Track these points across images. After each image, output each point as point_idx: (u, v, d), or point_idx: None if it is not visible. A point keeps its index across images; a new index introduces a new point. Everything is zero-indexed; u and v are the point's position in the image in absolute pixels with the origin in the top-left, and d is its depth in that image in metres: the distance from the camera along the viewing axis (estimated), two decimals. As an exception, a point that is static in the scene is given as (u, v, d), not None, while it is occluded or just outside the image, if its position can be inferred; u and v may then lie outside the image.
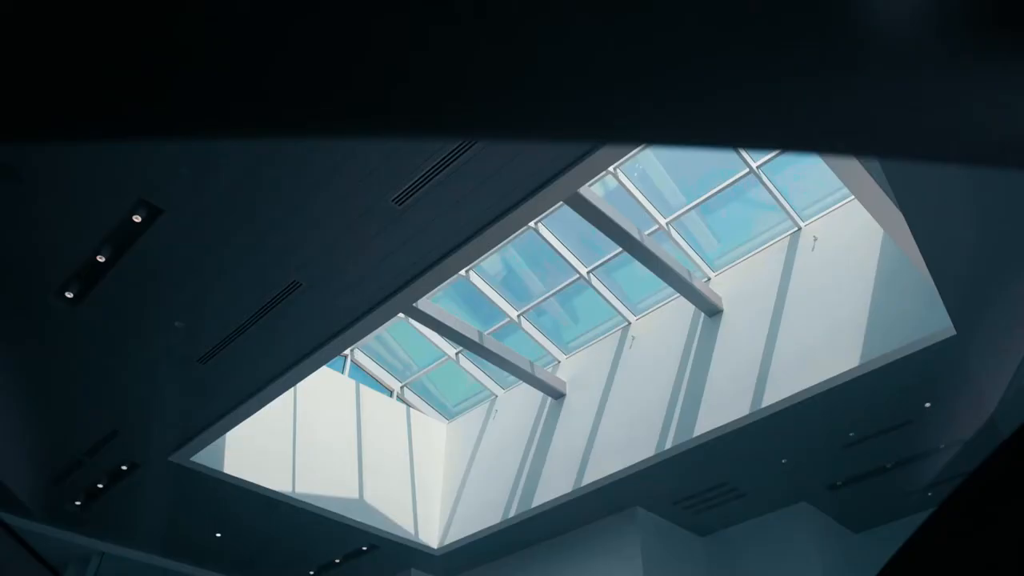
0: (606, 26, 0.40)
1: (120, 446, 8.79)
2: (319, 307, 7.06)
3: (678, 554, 10.22)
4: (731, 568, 10.15)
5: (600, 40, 0.40)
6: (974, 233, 4.78)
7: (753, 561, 9.97)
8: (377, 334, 11.04)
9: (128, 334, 7.36)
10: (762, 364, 8.35)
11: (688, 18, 0.40)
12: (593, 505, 9.85)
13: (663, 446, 8.88)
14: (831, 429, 8.46)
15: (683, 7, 0.40)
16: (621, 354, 10.05)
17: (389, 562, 11.34)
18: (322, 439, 10.49)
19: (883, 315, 7.53)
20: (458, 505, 11.12)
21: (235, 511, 10.03)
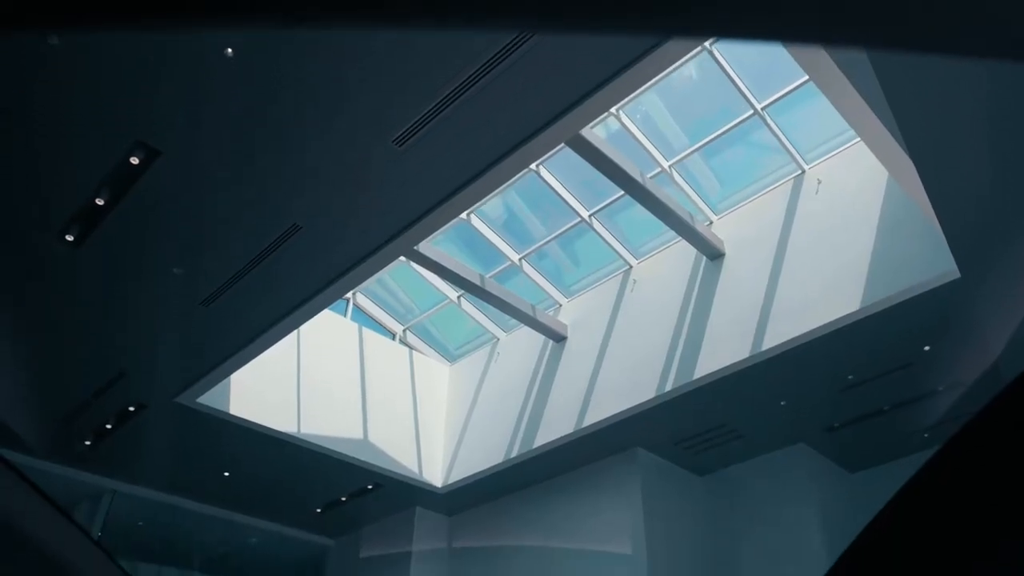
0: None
1: (127, 387, 8.90)
2: (320, 250, 7.05)
3: (677, 493, 10.44)
4: (729, 507, 10.38)
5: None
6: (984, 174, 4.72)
7: (751, 500, 10.19)
8: (379, 277, 11.05)
9: (129, 277, 7.38)
10: (763, 308, 8.38)
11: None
12: (594, 446, 10.02)
13: (663, 388, 8.98)
14: (830, 372, 8.53)
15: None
16: (622, 297, 10.08)
17: (394, 500, 11.60)
18: (326, 381, 10.61)
19: (886, 259, 7.51)
20: (461, 445, 11.32)
21: (241, 451, 10.21)
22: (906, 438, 9.43)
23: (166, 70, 5.32)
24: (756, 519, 9.98)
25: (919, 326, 7.62)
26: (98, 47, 5.15)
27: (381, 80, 5.42)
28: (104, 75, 5.33)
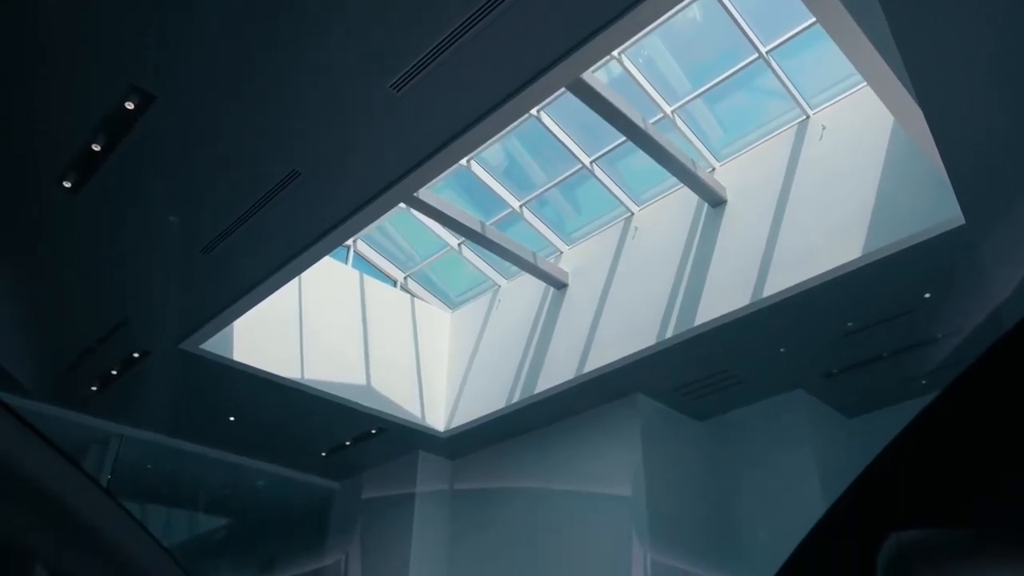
0: None
1: (130, 334, 8.96)
2: (319, 197, 7.00)
3: (677, 438, 10.59)
4: (728, 452, 10.55)
5: None
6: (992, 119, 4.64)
7: (750, 445, 10.34)
8: (379, 225, 11.02)
9: (129, 223, 7.36)
10: (764, 255, 8.36)
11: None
12: (594, 392, 10.13)
13: (664, 335, 9.03)
14: (830, 319, 8.56)
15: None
16: (623, 245, 10.06)
17: (397, 444, 11.79)
18: (328, 328, 10.68)
19: (889, 206, 7.47)
20: (463, 391, 11.45)
21: (245, 396, 10.34)
22: (904, 384, 9.52)
23: (159, 11, 5.21)
24: (754, 463, 10.15)
25: (921, 273, 7.62)
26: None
27: (377, 23, 5.31)
28: (96, 16, 5.22)
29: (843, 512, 1.04)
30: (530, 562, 10.38)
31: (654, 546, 9.35)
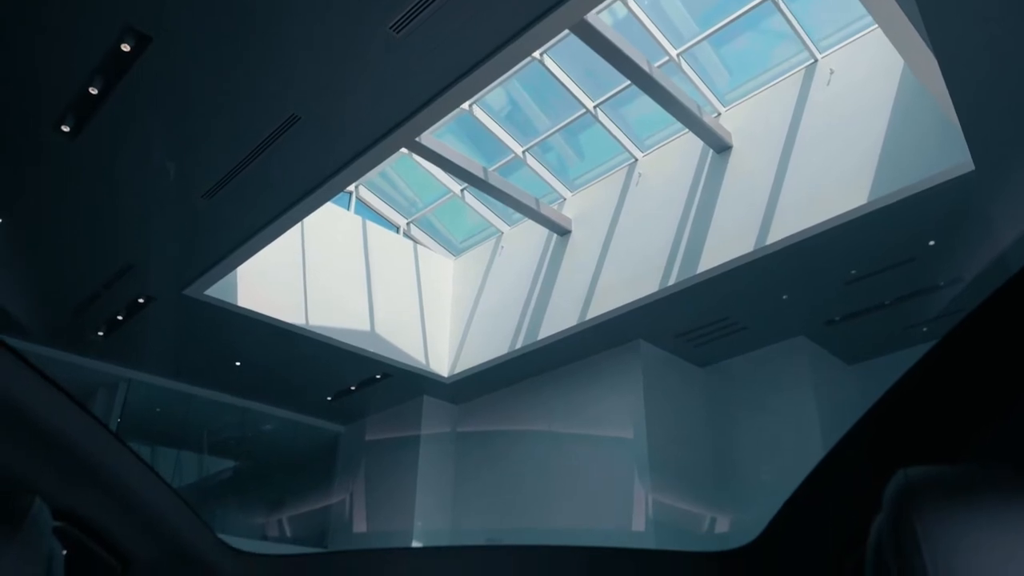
0: None
1: (135, 280, 9.00)
2: (320, 141, 6.93)
3: (678, 384, 10.70)
4: (728, 397, 10.66)
5: None
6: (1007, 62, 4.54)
7: (750, 391, 10.44)
8: (381, 170, 10.94)
9: (130, 168, 7.31)
10: (769, 201, 8.30)
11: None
12: (597, 338, 10.19)
13: (667, 282, 9.03)
14: (834, 266, 8.54)
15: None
16: (627, 191, 9.99)
17: (401, 389, 11.94)
18: (331, 274, 10.70)
19: (896, 151, 7.37)
20: (467, 337, 11.53)
21: (250, 342, 10.43)
22: (905, 332, 9.56)
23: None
24: (754, 408, 10.26)
25: (927, 220, 7.57)
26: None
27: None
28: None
29: (850, 447, 1.04)
30: (534, 501, 10.59)
31: (655, 486, 9.55)
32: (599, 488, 9.95)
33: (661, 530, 9.39)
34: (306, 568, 1.83)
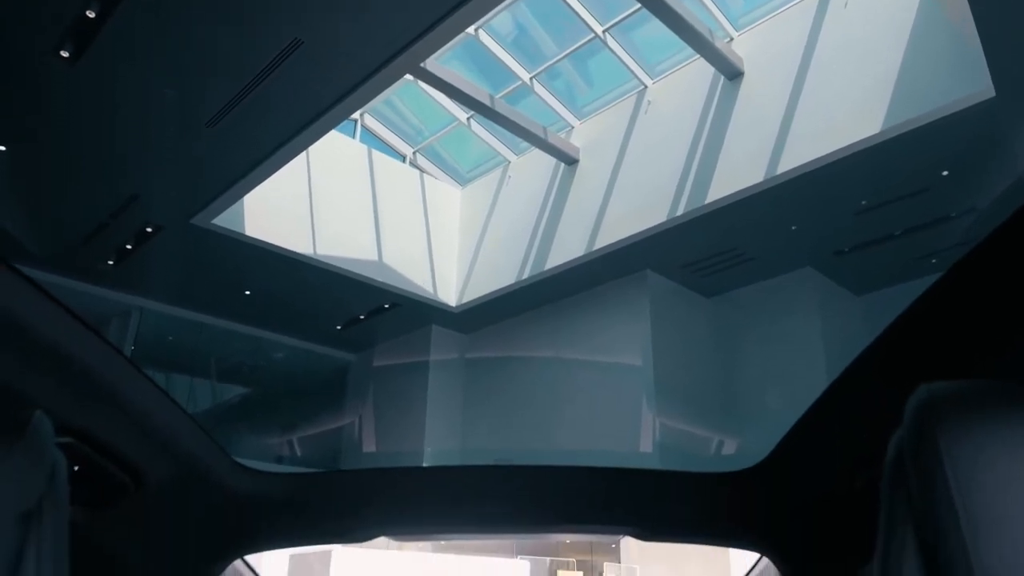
0: None
1: (142, 209, 9.00)
2: (323, 67, 6.80)
3: (685, 314, 10.76)
4: (735, 327, 10.72)
5: None
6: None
7: (756, 320, 10.50)
8: (386, 98, 10.76)
9: (131, 95, 7.21)
10: (780, 129, 8.16)
11: None
12: (604, 268, 10.20)
13: (675, 212, 8.98)
14: (845, 196, 8.46)
15: None
16: (636, 119, 9.83)
17: (410, 319, 12.05)
18: (338, 204, 10.67)
19: (913, 78, 7.19)
20: (474, 266, 11.57)
21: (259, 271, 10.49)
22: (914, 263, 9.52)
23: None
24: (761, 337, 10.34)
25: (941, 150, 7.44)
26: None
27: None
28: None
29: (867, 364, 1.05)
30: (542, 424, 10.80)
31: (662, 411, 9.73)
32: (607, 412, 10.14)
33: (668, 453, 9.61)
34: (319, 485, 1.86)
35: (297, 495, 1.81)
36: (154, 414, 1.30)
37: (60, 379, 1.08)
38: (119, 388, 1.19)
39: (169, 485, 1.45)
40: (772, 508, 1.72)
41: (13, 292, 0.92)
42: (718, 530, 1.96)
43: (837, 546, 1.64)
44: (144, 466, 1.34)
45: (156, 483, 1.40)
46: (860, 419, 1.22)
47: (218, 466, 1.58)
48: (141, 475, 1.35)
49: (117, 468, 1.29)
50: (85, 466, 1.22)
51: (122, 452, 1.27)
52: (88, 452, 1.20)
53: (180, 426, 1.39)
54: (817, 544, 1.70)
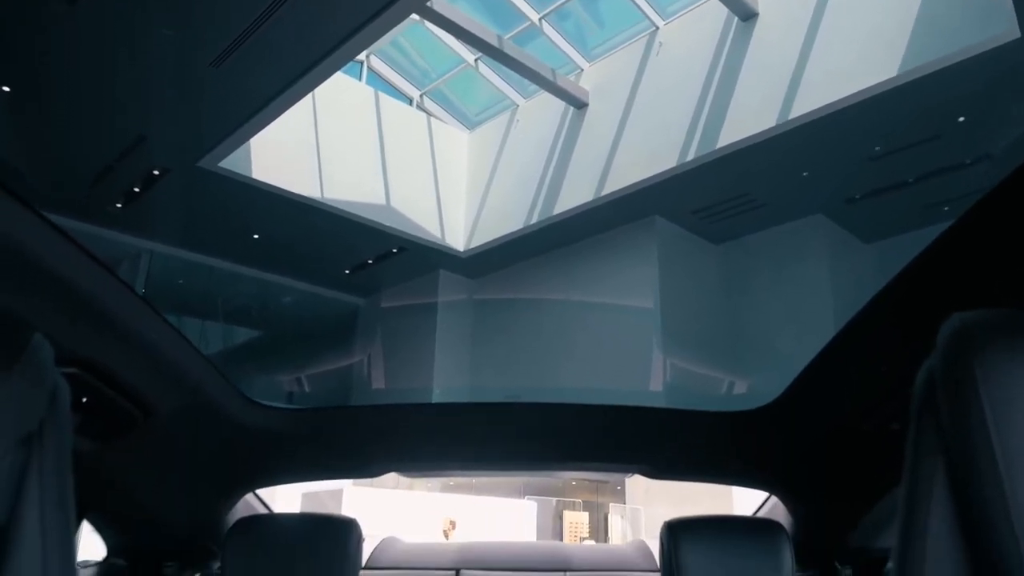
0: None
1: (149, 152, 8.97)
2: (328, 5, 6.66)
3: (693, 260, 10.75)
4: (743, 274, 10.71)
5: None
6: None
7: (764, 268, 10.48)
8: (392, 38, 10.56)
9: (134, 36, 7.11)
10: (794, 73, 8.00)
11: None
12: (612, 213, 10.16)
13: (685, 157, 8.89)
14: (858, 142, 8.34)
15: None
16: (647, 61, 9.64)
17: (418, 263, 12.09)
18: (345, 147, 10.60)
19: (930, 21, 7.00)
20: (482, 211, 11.53)
21: (267, 215, 10.50)
22: (926, 211, 9.43)
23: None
24: (769, 285, 10.33)
25: (958, 95, 7.29)
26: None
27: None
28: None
29: (897, 293, 1.03)
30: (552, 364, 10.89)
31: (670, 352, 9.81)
32: (616, 353, 10.24)
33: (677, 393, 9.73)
34: (329, 421, 1.87)
35: (308, 430, 1.83)
36: (162, 347, 1.31)
37: (63, 308, 1.07)
38: (126, 320, 1.19)
39: (178, 418, 1.46)
40: (782, 447, 1.73)
41: (14, 219, 0.92)
42: (728, 469, 1.98)
43: (845, 485, 1.66)
44: (152, 398, 1.35)
45: (165, 415, 1.41)
46: (877, 356, 1.21)
47: (228, 400, 1.60)
48: (150, 407, 1.36)
49: (126, 400, 1.29)
50: (93, 397, 1.22)
51: (130, 384, 1.28)
52: (96, 383, 1.20)
53: (189, 360, 1.40)
54: (826, 483, 1.73)
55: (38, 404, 0.66)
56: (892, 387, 1.20)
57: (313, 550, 1.63)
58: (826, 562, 1.85)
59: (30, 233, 0.95)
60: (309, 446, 1.87)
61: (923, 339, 0.68)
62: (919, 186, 9.12)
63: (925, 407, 0.64)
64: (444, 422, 1.86)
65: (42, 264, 0.99)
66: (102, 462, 1.42)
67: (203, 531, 1.90)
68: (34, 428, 0.65)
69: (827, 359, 1.32)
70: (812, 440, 1.62)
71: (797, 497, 1.88)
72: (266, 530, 1.70)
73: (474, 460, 2.08)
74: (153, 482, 1.61)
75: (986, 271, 0.93)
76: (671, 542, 1.63)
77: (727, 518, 1.79)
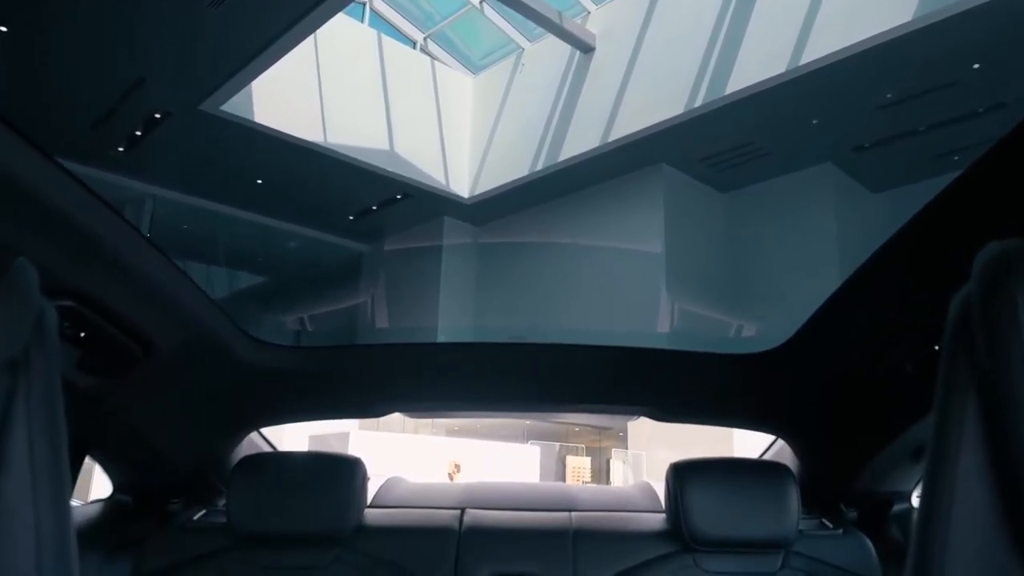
0: None
1: (150, 94, 8.86)
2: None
3: (699, 209, 10.69)
4: (749, 222, 10.65)
5: None
6: None
7: (771, 216, 10.42)
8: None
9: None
10: (806, 18, 7.82)
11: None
12: (619, 160, 10.07)
13: (693, 103, 8.76)
14: (870, 90, 8.19)
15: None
16: (656, 4, 9.42)
17: (422, 210, 12.04)
18: (348, 91, 10.44)
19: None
20: (487, 157, 11.43)
21: (270, 160, 10.42)
22: (936, 160, 9.32)
23: None
24: (775, 233, 10.28)
25: (974, 40, 7.12)
26: None
27: None
28: None
29: (931, 220, 0.99)
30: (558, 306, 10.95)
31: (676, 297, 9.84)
32: (622, 297, 10.28)
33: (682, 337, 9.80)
34: (334, 359, 1.85)
35: (312, 369, 1.82)
36: (162, 283, 1.30)
37: (58, 239, 1.06)
38: (124, 254, 1.17)
39: (180, 355, 1.45)
40: (792, 390, 1.73)
41: (7, 147, 0.90)
42: (736, 412, 1.97)
43: (854, 429, 1.67)
44: (153, 335, 1.34)
45: (166, 352, 1.40)
46: (898, 293, 1.20)
47: (231, 338, 1.58)
48: (150, 344, 1.35)
49: (125, 336, 1.28)
50: (92, 332, 1.22)
51: (129, 319, 1.27)
52: (93, 317, 1.19)
53: (190, 296, 1.39)
54: (835, 427, 1.73)
55: (20, 329, 0.64)
56: (910, 326, 1.19)
57: (318, 488, 1.64)
58: (831, 505, 1.86)
59: (23, 162, 0.93)
60: (313, 385, 1.87)
61: (951, 272, 0.65)
62: (930, 135, 8.99)
63: (958, 339, 0.61)
64: (449, 361, 1.85)
65: (36, 194, 0.97)
66: (103, 399, 1.42)
67: (208, 469, 1.91)
68: (18, 354, 0.63)
69: (843, 299, 1.30)
70: (823, 383, 1.61)
71: (805, 441, 1.88)
72: (271, 468, 1.71)
73: (479, 400, 2.06)
74: (155, 419, 1.61)
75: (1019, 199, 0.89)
76: (677, 483, 1.64)
77: (734, 460, 1.79)
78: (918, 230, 1.01)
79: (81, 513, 1.84)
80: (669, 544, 1.66)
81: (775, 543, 1.60)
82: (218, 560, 1.64)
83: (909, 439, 1.54)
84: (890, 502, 1.87)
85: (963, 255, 0.63)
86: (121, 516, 1.87)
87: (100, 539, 1.73)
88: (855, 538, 1.70)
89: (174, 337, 1.40)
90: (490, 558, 1.69)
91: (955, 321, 0.61)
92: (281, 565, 1.63)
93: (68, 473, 0.66)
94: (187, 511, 1.86)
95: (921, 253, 1.05)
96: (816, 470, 1.88)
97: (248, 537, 1.63)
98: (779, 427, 1.94)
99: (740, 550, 1.61)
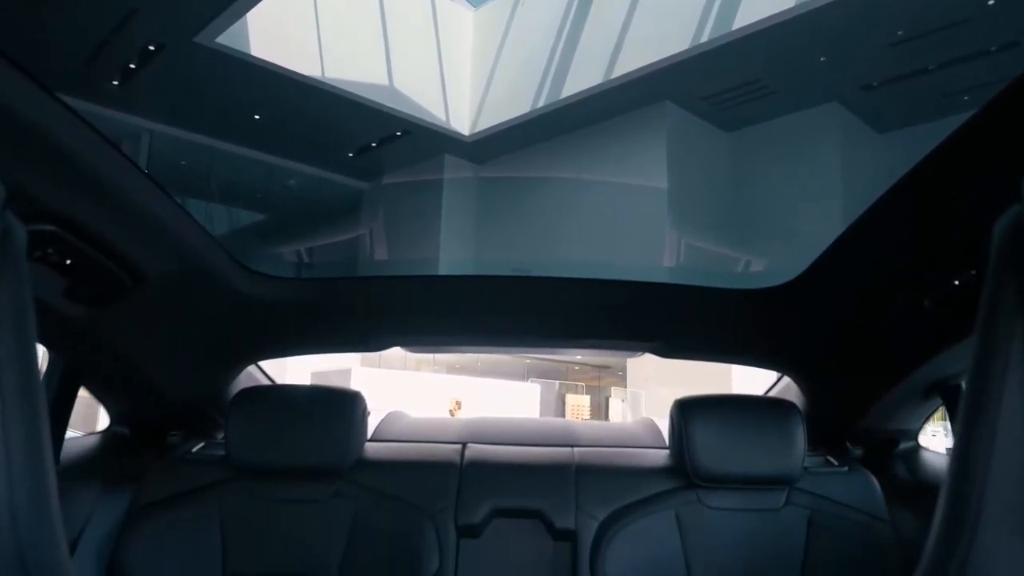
0: None
1: (143, 25, 8.66)
2: None
3: (703, 148, 10.56)
4: (753, 161, 10.54)
5: None
6: None
7: (776, 156, 10.30)
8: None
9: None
10: (821, -51, 7.58)
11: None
12: (622, 97, 9.90)
13: (699, 39, 8.56)
14: (880, 25, 7.99)
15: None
16: (665, -66, 9.12)
17: (423, 147, 11.88)
18: (346, 25, 10.19)
19: None
20: (488, 94, 11.23)
21: (268, 95, 10.24)
22: (945, 100, 9.16)
23: None
24: (779, 173, 10.18)
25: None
26: None
27: None
28: None
29: (971, 140, 0.95)
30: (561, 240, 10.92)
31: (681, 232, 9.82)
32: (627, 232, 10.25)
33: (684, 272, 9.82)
34: (333, 291, 1.79)
35: (309, 300, 1.77)
36: (150, 210, 1.24)
37: (38, 160, 1.01)
38: (109, 178, 1.12)
39: (170, 284, 1.42)
40: (801, 327, 1.69)
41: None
42: (744, 348, 1.93)
43: (864, 367, 1.64)
44: (141, 263, 1.30)
45: (156, 282, 1.36)
46: (912, 229, 1.15)
47: (224, 268, 1.54)
48: (139, 272, 1.31)
49: (113, 263, 1.25)
50: (77, 259, 1.18)
51: (117, 247, 1.23)
52: (78, 243, 1.15)
53: (180, 225, 1.34)
54: (844, 364, 1.69)
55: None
56: (930, 259, 1.15)
57: (317, 421, 1.62)
58: (837, 442, 1.85)
59: (4, 83, 0.89)
60: (312, 317, 1.82)
61: (985, 199, 0.63)
62: (940, 74, 8.81)
63: (1006, 260, 0.58)
64: (451, 294, 1.80)
65: (14, 114, 0.93)
66: (93, 328, 1.39)
67: (206, 401, 1.89)
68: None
69: (858, 233, 1.25)
70: (833, 319, 1.58)
71: (812, 378, 1.85)
72: (270, 400, 1.70)
73: (482, 335, 2.02)
74: (148, 350, 1.58)
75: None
76: (682, 420, 1.63)
77: (740, 397, 1.76)
78: (947, 158, 0.97)
79: (78, 444, 1.83)
80: (672, 480, 1.66)
81: (779, 480, 1.60)
82: (217, 492, 1.64)
83: (919, 378, 1.52)
84: (896, 440, 1.86)
85: (1001, 180, 0.59)
86: (119, 448, 1.86)
87: (98, 471, 1.73)
88: (860, 475, 1.70)
89: (164, 266, 1.36)
90: (492, 493, 1.69)
91: (1002, 243, 0.59)
92: (281, 498, 1.63)
93: (43, 401, 0.62)
94: (186, 443, 1.85)
95: (949, 182, 1.01)
96: (822, 408, 1.86)
97: (247, 469, 1.63)
98: (787, 363, 1.91)
99: (744, 486, 1.61)
